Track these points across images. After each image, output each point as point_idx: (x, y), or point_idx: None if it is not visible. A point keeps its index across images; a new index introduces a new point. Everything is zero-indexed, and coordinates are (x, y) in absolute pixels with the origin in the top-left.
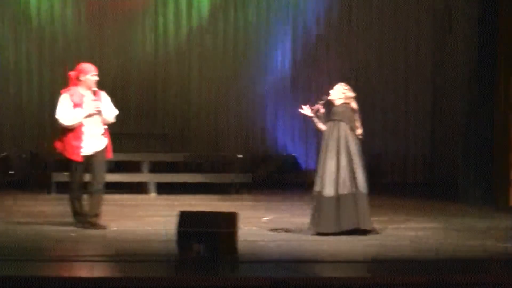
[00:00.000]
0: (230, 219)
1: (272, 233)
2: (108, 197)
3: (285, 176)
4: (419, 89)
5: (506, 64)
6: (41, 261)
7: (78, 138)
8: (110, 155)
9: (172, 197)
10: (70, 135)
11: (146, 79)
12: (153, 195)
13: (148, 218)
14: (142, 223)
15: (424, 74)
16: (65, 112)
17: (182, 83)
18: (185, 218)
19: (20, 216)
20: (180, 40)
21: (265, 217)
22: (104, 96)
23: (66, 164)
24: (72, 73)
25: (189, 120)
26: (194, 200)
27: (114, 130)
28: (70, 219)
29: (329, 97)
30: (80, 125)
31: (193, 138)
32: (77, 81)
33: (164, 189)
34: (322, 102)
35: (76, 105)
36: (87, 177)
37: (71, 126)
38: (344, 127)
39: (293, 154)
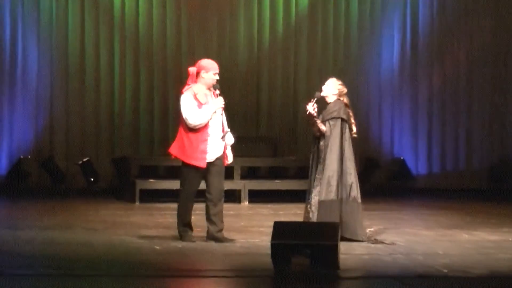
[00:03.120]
0: (331, 230)
1: (375, 245)
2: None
3: (391, 182)
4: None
5: None
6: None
7: (204, 141)
8: (226, 162)
9: (268, 205)
10: (195, 138)
11: (249, 78)
12: (245, 203)
13: (252, 228)
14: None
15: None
16: (193, 111)
17: (286, 85)
18: (280, 229)
19: (101, 226)
20: (282, 36)
21: (369, 228)
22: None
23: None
24: (191, 69)
25: (293, 122)
26: (296, 208)
27: None
28: (152, 230)
29: (322, 93)
30: (206, 126)
31: (300, 142)
32: (197, 78)
33: (254, 196)
34: (314, 99)
35: (201, 104)
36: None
37: (201, 125)
38: (343, 125)
39: (401, 157)
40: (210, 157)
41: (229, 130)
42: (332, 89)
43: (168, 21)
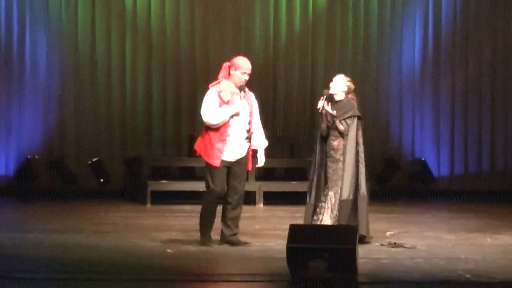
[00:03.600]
0: (349, 233)
1: (395, 249)
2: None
3: (412, 183)
4: None
5: None
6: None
7: (222, 140)
8: (249, 167)
9: (284, 207)
10: (213, 136)
11: (264, 77)
12: (260, 205)
13: (267, 231)
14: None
15: None
16: (211, 110)
17: (303, 84)
18: (297, 233)
19: (112, 229)
20: (299, 33)
21: (389, 231)
22: (253, 100)
23: (162, 171)
24: (225, 64)
25: (311, 122)
26: None
27: None
28: (165, 233)
29: (331, 91)
30: (226, 125)
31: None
32: (228, 74)
33: (270, 198)
34: (324, 96)
35: (223, 102)
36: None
37: (216, 125)
38: (358, 123)
39: (422, 158)
40: (228, 157)
41: (252, 132)
42: (341, 86)
43: (181, 17)
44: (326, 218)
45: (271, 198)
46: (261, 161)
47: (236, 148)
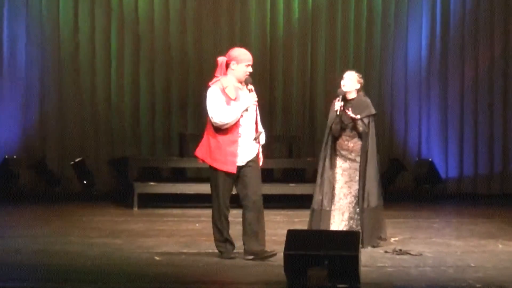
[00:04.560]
0: (351, 239)
1: (401, 257)
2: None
3: (418, 186)
4: None
5: None
6: None
7: (234, 142)
8: (260, 163)
9: (282, 211)
10: (223, 139)
11: (261, 73)
12: None
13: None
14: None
15: None
16: (220, 108)
17: (302, 80)
18: (295, 238)
19: (98, 234)
20: (298, 26)
21: (394, 237)
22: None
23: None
24: (220, 59)
25: (310, 120)
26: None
27: None
28: (152, 239)
29: (345, 89)
30: (237, 125)
31: (319, 142)
32: (226, 69)
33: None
34: (340, 97)
35: (230, 99)
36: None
37: (228, 124)
38: (373, 123)
39: (429, 159)
40: (241, 160)
41: (263, 130)
42: (354, 83)
43: (171, 6)
44: (338, 221)
45: (268, 202)
46: (261, 160)
47: (248, 150)
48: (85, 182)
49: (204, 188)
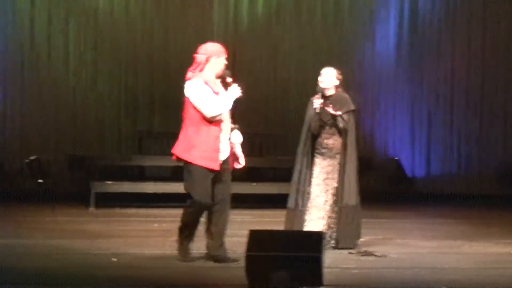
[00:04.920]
0: (313, 240)
1: (365, 258)
2: (166, 212)
3: (385, 185)
4: None
5: None
6: None
7: (216, 138)
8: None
9: (245, 211)
10: (206, 134)
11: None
12: None
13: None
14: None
15: None
16: (210, 100)
17: (267, 75)
18: (257, 239)
19: (51, 234)
20: (263, 19)
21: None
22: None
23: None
24: (200, 56)
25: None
26: (280, 215)
27: None
28: (109, 240)
29: (323, 86)
30: (219, 121)
31: (290, 139)
32: (204, 65)
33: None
34: (319, 94)
35: (214, 92)
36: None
37: (219, 115)
38: (353, 119)
39: (395, 158)
40: (221, 157)
41: (237, 126)
42: (333, 80)
43: (132, 1)
44: (315, 219)
45: (239, 201)
46: (241, 159)
47: (226, 146)
48: (40, 181)
49: (164, 187)
